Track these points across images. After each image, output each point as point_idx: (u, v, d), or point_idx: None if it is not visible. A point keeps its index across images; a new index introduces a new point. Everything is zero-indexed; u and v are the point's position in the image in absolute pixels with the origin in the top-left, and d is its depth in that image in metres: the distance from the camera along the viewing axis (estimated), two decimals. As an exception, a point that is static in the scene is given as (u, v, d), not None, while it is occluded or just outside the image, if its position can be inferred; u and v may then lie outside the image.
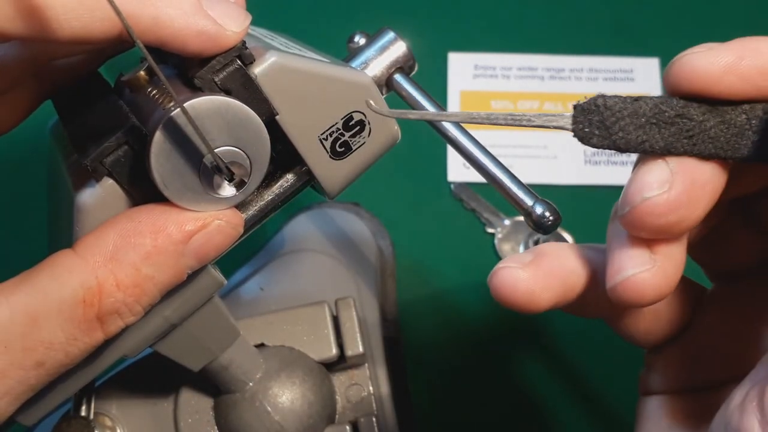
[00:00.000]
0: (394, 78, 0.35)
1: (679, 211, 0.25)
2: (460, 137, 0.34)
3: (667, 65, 0.27)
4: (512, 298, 0.29)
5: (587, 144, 0.27)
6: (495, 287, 0.29)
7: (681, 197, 0.25)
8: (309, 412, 0.40)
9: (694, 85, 0.26)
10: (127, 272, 0.27)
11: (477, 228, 0.55)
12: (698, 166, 0.26)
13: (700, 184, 0.26)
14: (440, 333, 0.53)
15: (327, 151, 0.31)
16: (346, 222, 0.53)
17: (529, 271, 0.29)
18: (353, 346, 0.42)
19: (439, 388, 0.51)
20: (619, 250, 0.27)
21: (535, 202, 0.32)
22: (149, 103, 0.29)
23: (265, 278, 0.49)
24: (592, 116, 0.26)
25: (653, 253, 0.26)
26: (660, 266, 0.26)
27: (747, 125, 0.26)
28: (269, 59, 0.29)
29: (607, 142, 0.26)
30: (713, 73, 0.25)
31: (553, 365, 0.51)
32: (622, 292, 0.26)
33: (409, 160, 0.57)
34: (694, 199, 0.26)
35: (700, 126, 0.26)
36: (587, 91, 0.60)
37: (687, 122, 0.26)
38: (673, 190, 0.25)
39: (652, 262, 0.26)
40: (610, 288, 0.27)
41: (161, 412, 0.42)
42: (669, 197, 0.25)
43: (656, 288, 0.26)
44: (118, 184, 0.28)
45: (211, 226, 0.28)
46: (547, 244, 0.30)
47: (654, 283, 0.26)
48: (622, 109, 0.26)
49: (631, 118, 0.26)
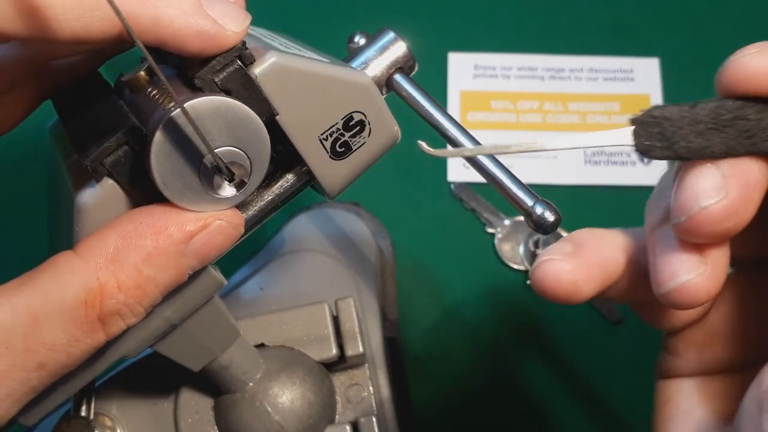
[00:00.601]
0: (394, 78, 0.35)
1: (735, 216, 0.26)
2: (460, 137, 0.34)
3: (720, 68, 0.26)
4: (557, 291, 0.29)
5: (649, 157, 0.27)
6: (539, 280, 0.29)
7: (737, 202, 0.25)
8: (309, 412, 0.40)
9: (751, 87, 0.26)
10: (129, 273, 0.27)
11: (477, 228, 0.55)
12: (749, 166, 0.26)
13: (752, 184, 0.26)
14: (440, 333, 0.53)
15: (327, 151, 0.31)
16: (346, 222, 0.53)
17: (572, 262, 0.29)
18: (353, 346, 0.42)
19: (438, 388, 0.51)
20: (669, 256, 0.27)
21: (535, 202, 0.32)
22: (149, 103, 0.29)
23: (265, 278, 0.49)
24: (652, 128, 0.26)
25: (703, 256, 0.27)
26: (711, 269, 0.27)
27: None
28: (269, 59, 0.29)
29: (669, 153, 0.26)
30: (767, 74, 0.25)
31: (553, 365, 0.51)
32: (676, 298, 0.27)
33: (409, 160, 0.57)
34: (749, 201, 0.26)
35: (758, 125, 0.26)
36: (587, 91, 0.60)
37: (744, 123, 0.26)
38: (730, 196, 0.25)
39: (704, 266, 0.27)
40: (663, 294, 0.27)
41: (161, 412, 0.42)
42: (727, 203, 0.25)
43: (708, 291, 0.27)
44: (118, 184, 0.28)
45: (212, 226, 0.28)
46: (583, 231, 0.30)
47: (706, 286, 0.27)
48: (681, 118, 0.26)
49: (690, 125, 0.26)
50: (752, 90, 0.26)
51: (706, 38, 0.62)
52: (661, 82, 0.60)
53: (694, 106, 0.26)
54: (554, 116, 0.59)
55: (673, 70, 0.61)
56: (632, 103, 0.60)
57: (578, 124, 0.59)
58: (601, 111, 0.59)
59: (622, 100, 0.60)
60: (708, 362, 0.32)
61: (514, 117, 0.59)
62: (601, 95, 0.60)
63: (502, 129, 0.59)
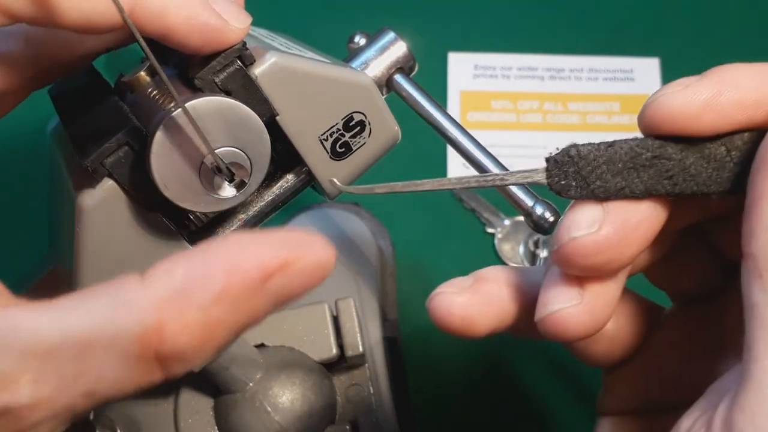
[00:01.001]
0: (394, 78, 0.35)
1: (607, 252, 0.25)
2: (460, 137, 0.34)
3: (642, 107, 0.26)
4: (448, 323, 0.29)
5: (565, 196, 0.26)
6: (431, 311, 0.29)
7: (610, 238, 0.25)
8: (309, 412, 0.40)
9: (673, 126, 0.25)
10: (195, 313, 0.23)
11: (477, 228, 0.55)
12: (631, 205, 0.25)
13: (632, 224, 0.25)
14: (440, 333, 0.52)
15: (327, 151, 0.31)
16: (346, 222, 0.53)
17: (465, 296, 0.29)
18: (353, 346, 0.42)
19: (438, 388, 0.51)
20: (549, 285, 0.27)
21: (535, 203, 0.32)
22: (150, 103, 0.29)
23: (265, 278, 0.49)
24: (567, 168, 0.26)
25: (583, 289, 0.26)
26: (586, 303, 0.26)
27: (728, 157, 0.25)
28: (269, 60, 0.29)
29: (585, 192, 0.26)
30: (691, 112, 0.25)
31: (553, 365, 0.51)
32: (547, 326, 0.26)
33: (409, 160, 0.57)
34: (626, 239, 0.25)
35: (679, 165, 0.25)
36: (587, 91, 0.60)
37: (666, 162, 0.25)
38: (602, 231, 0.25)
39: (579, 298, 0.26)
40: (537, 320, 0.27)
41: (161, 412, 0.42)
42: (597, 238, 0.25)
43: (581, 324, 0.26)
44: (119, 184, 0.28)
45: (295, 266, 0.24)
46: (489, 268, 0.30)
47: (579, 319, 0.26)
48: (597, 156, 0.25)
49: (608, 165, 0.25)
50: (674, 129, 0.25)
51: (706, 38, 0.62)
52: (661, 82, 0.60)
53: (611, 145, 0.25)
54: (554, 116, 0.59)
55: (673, 70, 0.61)
56: (632, 103, 0.60)
57: (578, 124, 0.59)
58: (601, 111, 0.59)
59: (622, 100, 0.60)
60: (638, 402, 0.32)
61: (514, 117, 0.59)
62: (601, 95, 0.60)
63: (502, 129, 0.59)
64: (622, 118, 0.59)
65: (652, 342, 0.31)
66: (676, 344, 0.31)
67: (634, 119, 0.59)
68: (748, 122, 0.25)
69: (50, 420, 0.24)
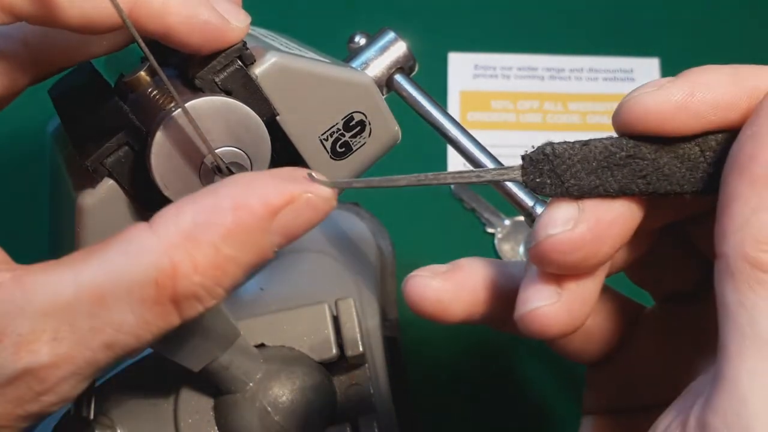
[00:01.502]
0: (394, 78, 0.35)
1: (582, 249, 0.25)
2: (460, 137, 0.34)
3: (617, 107, 0.26)
4: (421, 307, 0.29)
5: (540, 194, 0.26)
6: (406, 294, 0.29)
7: (585, 236, 0.25)
8: (309, 413, 0.40)
9: (647, 125, 0.25)
10: (206, 252, 0.24)
11: (477, 228, 0.55)
12: (606, 203, 0.26)
13: (606, 222, 0.25)
14: (440, 333, 0.52)
15: (327, 151, 0.31)
16: (346, 222, 0.53)
17: (439, 281, 0.29)
18: (353, 346, 0.42)
19: (439, 388, 0.51)
20: (527, 283, 0.27)
21: (536, 203, 0.32)
22: (150, 103, 0.29)
23: (265, 278, 0.49)
24: (542, 165, 0.26)
25: (560, 287, 0.26)
26: (564, 301, 0.26)
27: (701, 158, 0.25)
28: (270, 60, 0.29)
29: (560, 190, 0.26)
30: (665, 112, 0.25)
31: (553, 365, 0.51)
32: (526, 324, 0.26)
33: (409, 160, 0.57)
34: (600, 237, 0.25)
35: (653, 164, 0.25)
36: (587, 91, 0.60)
37: (639, 162, 0.25)
38: (577, 229, 0.25)
39: (557, 297, 0.26)
40: (516, 318, 0.27)
41: (161, 413, 0.42)
42: (572, 236, 0.25)
43: (559, 322, 0.26)
44: (119, 184, 0.28)
45: (300, 200, 0.25)
46: (468, 258, 0.30)
47: (556, 317, 0.26)
48: (572, 155, 0.26)
49: (582, 163, 0.26)
50: (648, 129, 0.25)
51: (706, 38, 0.62)
52: (661, 82, 0.60)
53: (586, 144, 0.26)
54: (554, 116, 0.59)
55: (673, 70, 0.60)
56: (632, 103, 0.60)
57: (578, 124, 0.59)
58: (601, 111, 0.59)
59: (622, 100, 0.60)
60: (617, 401, 0.32)
61: (514, 117, 0.59)
62: (601, 95, 0.60)
63: (502, 129, 0.59)
64: (622, 118, 0.59)
65: (632, 340, 0.32)
66: (656, 343, 0.31)
67: (634, 119, 0.59)
68: (722, 123, 0.25)
69: (73, 376, 0.24)
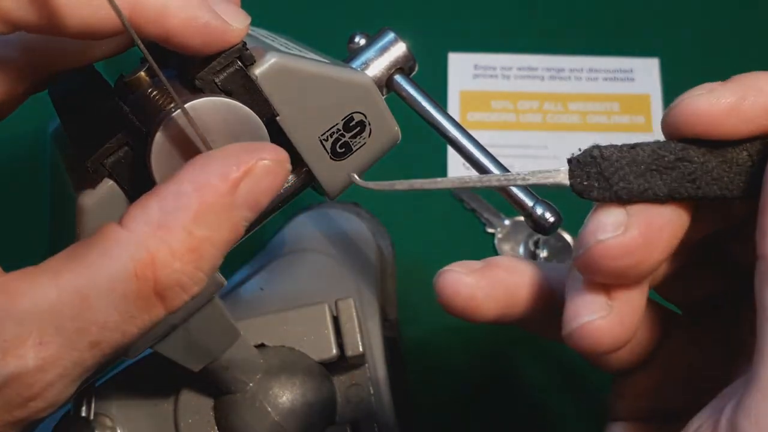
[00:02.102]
0: (394, 79, 0.35)
1: (634, 254, 0.25)
2: (460, 137, 0.34)
3: (666, 110, 0.26)
4: (453, 303, 0.28)
5: (588, 198, 0.26)
6: (438, 289, 0.28)
7: (636, 240, 0.25)
8: (309, 413, 0.40)
9: (697, 128, 0.25)
10: (180, 237, 0.24)
11: (477, 228, 0.55)
12: (654, 208, 0.25)
13: (657, 226, 0.25)
14: (440, 333, 0.53)
15: (327, 151, 0.31)
16: (346, 222, 0.53)
17: (474, 277, 0.28)
18: (353, 346, 0.42)
19: (439, 388, 0.51)
20: (574, 295, 0.26)
21: (536, 203, 0.32)
22: (150, 104, 0.29)
23: (265, 278, 0.49)
24: (590, 168, 0.26)
25: (610, 299, 0.26)
26: (616, 313, 0.25)
27: (750, 162, 0.25)
28: (270, 60, 0.29)
29: (608, 194, 0.25)
30: (716, 115, 0.25)
31: (553, 365, 0.51)
32: (577, 339, 0.26)
33: (409, 160, 0.57)
34: (651, 242, 0.25)
35: (702, 168, 0.25)
36: (587, 91, 0.60)
37: (688, 165, 0.25)
38: (629, 233, 0.25)
39: (608, 309, 0.25)
40: (566, 335, 0.26)
41: (161, 413, 0.42)
42: (624, 240, 0.25)
43: (612, 336, 0.25)
44: (119, 184, 0.28)
45: (257, 168, 0.25)
46: (502, 256, 0.29)
47: (609, 331, 0.25)
48: (620, 158, 0.25)
49: (630, 166, 0.25)
50: (698, 132, 0.25)
51: (706, 38, 0.62)
52: (660, 82, 0.60)
53: (634, 147, 0.26)
54: (554, 116, 0.59)
55: (673, 70, 0.61)
56: (632, 103, 0.60)
57: (578, 124, 0.59)
58: (601, 111, 0.59)
59: (622, 100, 0.60)
60: (648, 409, 0.31)
61: (514, 117, 0.59)
62: (601, 95, 0.60)
63: (502, 129, 0.59)
64: (622, 118, 0.59)
65: (665, 348, 0.31)
66: (684, 352, 0.31)
67: (633, 119, 0.59)
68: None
69: (61, 379, 0.24)
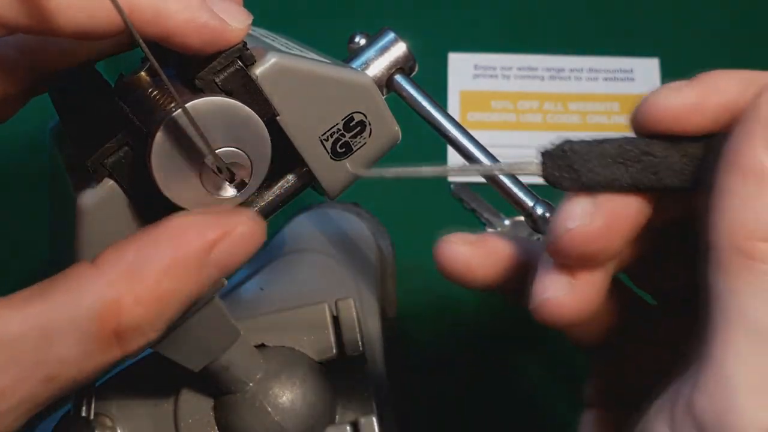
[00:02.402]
0: (394, 79, 0.35)
1: (599, 241, 0.27)
2: (460, 137, 0.34)
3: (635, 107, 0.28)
4: (451, 268, 0.31)
5: (558, 187, 0.28)
6: (437, 257, 0.31)
7: (601, 229, 0.27)
8: (309, 413, 0.40)
9: (663, 124, 0.27)
10: (147, 286, 0.25)
11: (477, 228, 0.55)
12: (619, 198, 0.27)
13: (621, 216, 0.27)
14: (440, 333, 0.53)
15: (328, 151, 0.31)
16: (346, 222, 0.53)
17: (470, 247, 0.31)
18: (353, 346, 0.42)
19: (438, 388, 0.51)
20: (542, 273, 0.29)
21: (536, 203, 0.32)
22: (150, 103, 0.29)
23: (265, 278, 0.49)
24: (560, 161, 0.28)
25: (574, 278, 0.28)
26: (578, 291, 0.28)
27: (707, 156, 0.27)
28: (270, 60, 0.29)
29: (577, 184, 0.27)
30: (682, 112, 0.27)
31: (553, 365, 0.51)
32: (541, 313, 0.28)
33: (409, 160, 0.57)
34: (614, 230, 0.27)
35: (664, 161, 0.27)
36: (587, 91, 0.60)
37: (651, 159, 0.27)
38: (594, 223, 0.27)
39: (570, 287, 0.28)
40: (532, 308, 0.28)
41: (161, 413, 0.42)
42: (590, 229, 0.27)
43: (573, 311, 0.28)
44: (119, 185, 0.28)
45: (235, 234, 0.27)
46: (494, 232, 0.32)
47: (571, 306, 0.28)
48: (589, 152, 0.27)
49: (598, 159, 0.27)
50: (663, 127, 0.27)
51: (706, 38, 0.62)
52: (660, 82, 0.60)
53: (602, 142, 0.28)
54: (554, 116, 0.59)
55: (673, 70, 0.61)
56: (632, 103, 0.59)
57: (578, 124, 0.59)
58: (601, 111, 0.59)
59: (622, 100, 0.60)
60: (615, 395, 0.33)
61: (514, 117, 0.59)
62: (601, 95, 0.60)
63: (502, 129, 0.59)
64: (622, 118, 0.59)
65: (634, 335, 0.33)
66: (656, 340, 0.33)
67: (634, 119, 0.59)
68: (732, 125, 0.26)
69: (14, 410, 0.25)
